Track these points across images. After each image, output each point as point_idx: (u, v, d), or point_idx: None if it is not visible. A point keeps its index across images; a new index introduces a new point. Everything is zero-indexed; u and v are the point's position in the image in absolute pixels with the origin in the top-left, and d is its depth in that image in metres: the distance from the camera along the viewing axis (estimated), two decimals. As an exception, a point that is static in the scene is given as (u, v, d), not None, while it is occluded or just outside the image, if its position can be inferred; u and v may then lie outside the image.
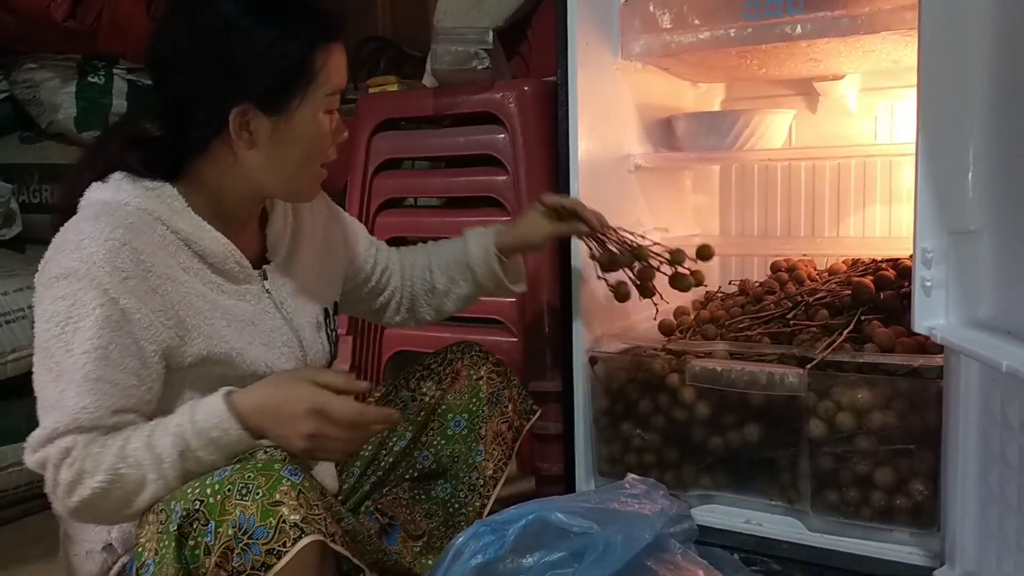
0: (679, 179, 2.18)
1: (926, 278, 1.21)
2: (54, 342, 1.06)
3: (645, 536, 1.14)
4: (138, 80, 2.60)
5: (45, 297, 1.08)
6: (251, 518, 0.97)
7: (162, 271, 1.11)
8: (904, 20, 1.44)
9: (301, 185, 1.23)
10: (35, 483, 2.04)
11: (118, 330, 1.07)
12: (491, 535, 1.11)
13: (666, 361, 1.63)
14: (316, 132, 1.17)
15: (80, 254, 1.07)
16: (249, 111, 1.12)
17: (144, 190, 1.14)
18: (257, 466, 1.01)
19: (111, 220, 1.09)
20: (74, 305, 1.06)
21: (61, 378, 1.05)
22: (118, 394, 1.07)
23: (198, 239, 1.16)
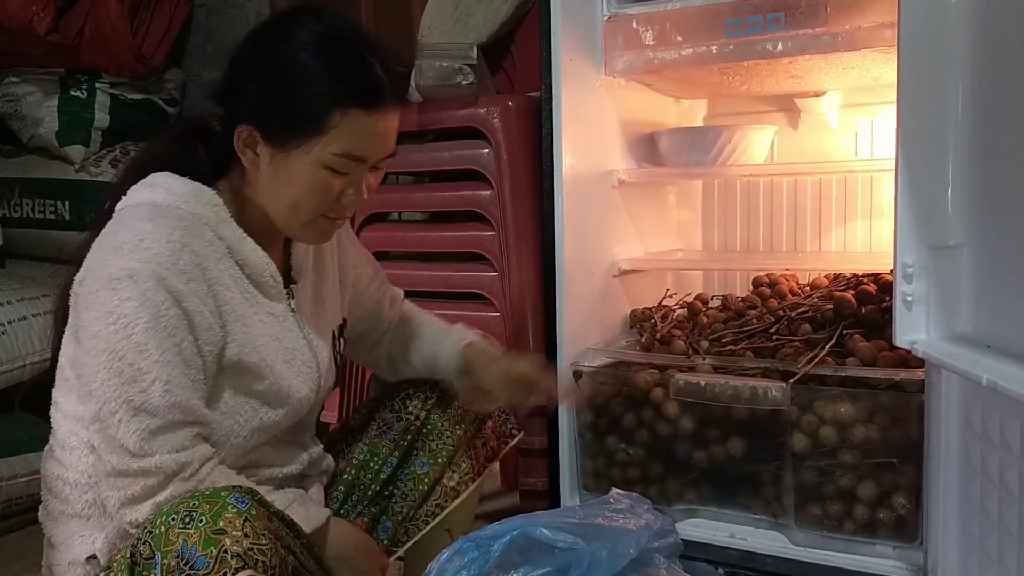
0: (662, 194, 2.19)
1: (907, 293, 1.22)
2: (124, 344, 1.04)
3: (630, 551, 1.14)
4: (121, 94, 2.59)
5: (108, 299, 1.06)
6: (193, 547, 0.95)
7: (214, 275, 1.13)
8: (884, 38, 1.46)
9: (295, 228, 1.20)
10: (14, 500, 2.02)
11: (186, 331, 1.08)
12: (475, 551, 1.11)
13: (650, 375, 1.64)
14: (312, 182, 1.13)
15: (143, 255, 1.06)
16: (253, 134, 1.13)
17: (191, 195, 1.15)
18: (204, 493, 1.00)
19: (168, 222, 1.10)
20: (143, 306, 1.05)
21: (140, 380, 1.05)
22: (196, 395, 1.09)
23: (240, 249, 1.17)
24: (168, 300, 1.06)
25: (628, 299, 1.97)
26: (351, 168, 1.14)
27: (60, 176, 2.54)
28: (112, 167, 2.50)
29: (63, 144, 2.51)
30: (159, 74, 2.70)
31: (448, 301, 1.99)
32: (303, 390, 1.25)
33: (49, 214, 2.54)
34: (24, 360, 2.10)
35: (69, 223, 2.52)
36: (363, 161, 1.15)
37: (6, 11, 2.29)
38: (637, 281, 1.99)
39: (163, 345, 1.06)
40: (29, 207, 2.57)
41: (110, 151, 2.56)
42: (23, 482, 2.01)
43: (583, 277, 1.78)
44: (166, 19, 2.66)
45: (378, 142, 1.15)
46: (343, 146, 1.12)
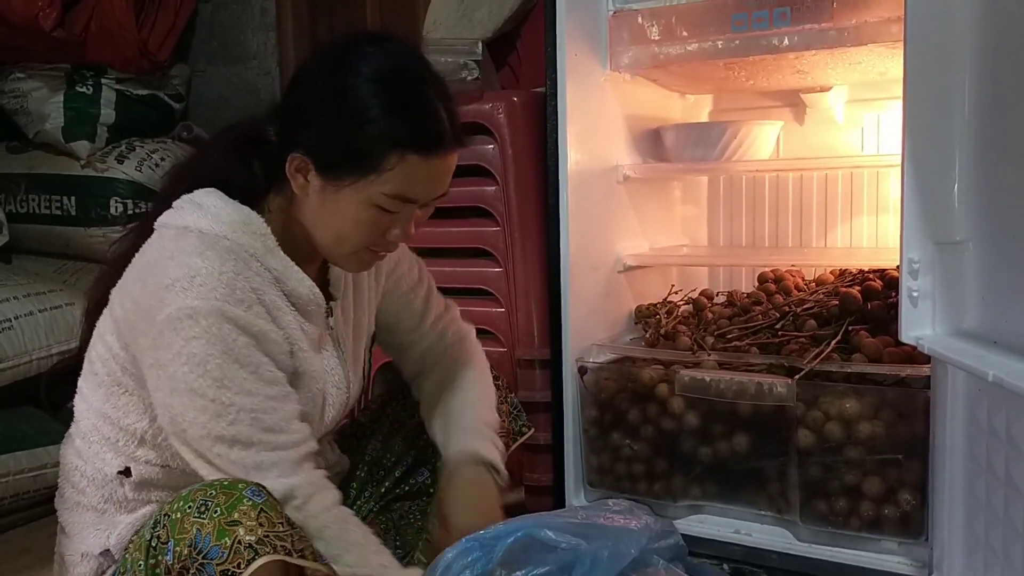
0: (667, 190, 2.19)
1: (913, 288, 1.22)
2: (202, 382, 1.06)
3: (631, 551, 1.14)
4: (127, 90, 2.59)
5: (174, 340, 1.06)
6: (207, 537, 0.97)
7: (269, 299, 1.14)
8: (890, 33, 1.46)
9: (338, 257, 1.20)
10: (20, 495, 2.02)
11: (260, 355, 1.09)
12: (479, 551, 1.11)
13: (655, 371, 1.63)
14: (360, 218, 1.12)
15: (198, 291, 1.06)
16: (306, 162, 1.12)
17: (240, 224, 1.14)
18: (222, 484, 1.01)
19: (217, 255, 1.10)
20: (210, 342, 1.06)
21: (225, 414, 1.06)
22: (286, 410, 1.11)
23: (287, 279, 1.16)
24: (234, 331, 1.07)
25: (633, 295, 1.97)
26: (401, 208, 1.13)
27: (66, 172, 2.54)
28: (118, 163, 2.51)
29: (69, 140, 2.51)
30: (165, 70, 2.70)
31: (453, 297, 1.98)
32: (333, 413, 1.27)
33: (55, 210, 2.55)
34: (31, 355, 2.10)
35: (75, 219, 2.52)
36: (414, 202, 1.14)
37: (12, 7, 2.29)
38: (642, 277, 1.99)
39: (239, 375, 1.07)
40: (35, 203, 2.58)
41: (116, 147, 2.56)
42: (29, 477, 2.02)
43: (588, 273, 1.78)
44: (171, 14, 2.66)
45: (432, 185, 1.15)
46: (396, 188, 1.11)
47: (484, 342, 1.92)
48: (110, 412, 1.17)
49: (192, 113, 2.90)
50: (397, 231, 1.16)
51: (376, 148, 1.09)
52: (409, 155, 1.09)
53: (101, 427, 1.18)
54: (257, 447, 1.07)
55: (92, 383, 1.20)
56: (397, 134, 1.09)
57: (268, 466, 1.08)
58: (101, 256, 2.54)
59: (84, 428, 1.20)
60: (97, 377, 1.18)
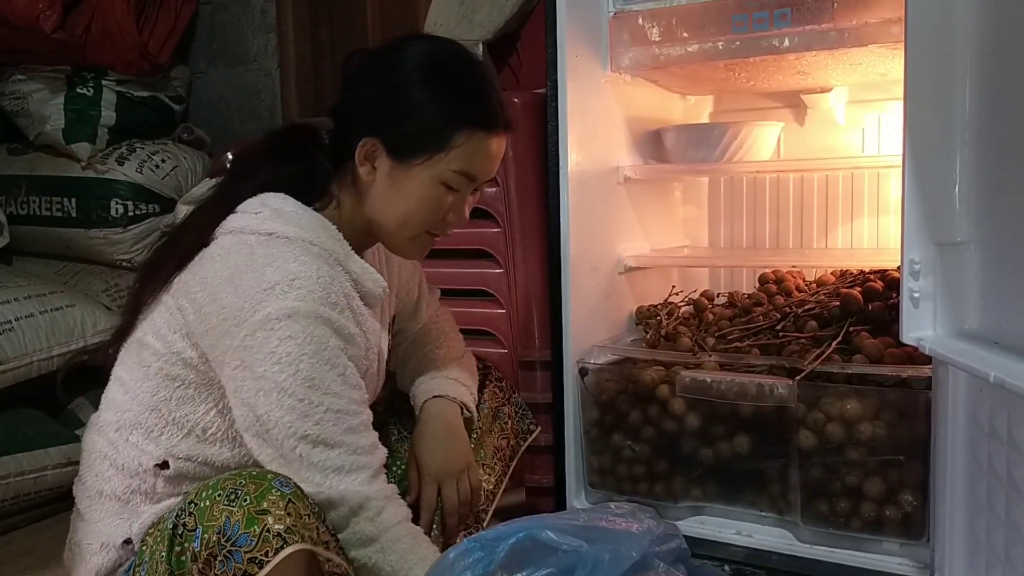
0: (668, 191, 2.19)
1: (914, 289, 1.21)
2: (292, 381, 1.08)
3: (632, 554, 1.14)
4: (127, 91, 2.59)
5: (268, 340, 1.08)
6: (236, 525, 0.98)
7: (356, 306, 1.20)
8: (891, 34, 1.46)
9: (401, 241, 1.25)
10: (21, 497, 2.02)
11: (347, 360, 1.13)
12: (481, 551, 1.11)
13: (656, 372, 1.63)
14: (427, 196, 1.20)
15: (297, 293, 1.10)
16: (377, 146, 1.19)
17: (321, 230, 1.18)
18: (251, 474, 1.03)
19: (311, 260, 1.14)
20: (305, 342, 1.09)
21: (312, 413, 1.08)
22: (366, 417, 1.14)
23: (364, 281, 1.22)
24: (327, 333, 1.11)
25: (634, 296, 1.97)
26: (463, 186, 1.21)
27: (67, 173, 2.55)
28: (118, 164, 2.51)
29: (69, 141, 2.51)
30: (165, 71, 2.71)
31: (454, 298, 1.99)
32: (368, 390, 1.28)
33: (56, 211, 2.55)
34: (31, 357, 2.10)
35: (76, 220, 2.52)
36: (474, 180, 1.22)
37: (13, 9, 2.29)
38: (643, 278, 1.99)
39: (328, 377, 1.10)
40: (36, 204, 2.58)
41: (116, 148, 2.57)
42: (30, 479, 2.01)
43: (589, 274, 1.77)
44: (172, 16, 2.66)
45: (490, 162, 1.23)
46: (462, 164, 1.19)
47: (485, 343, 1.94)
48: (160, 405, 1.17)
49: (193, 114, 2.91)
50: (455, 214, 1.23)
51: (445, 127, 1.17)
52: (476, 132, 1.19)
53: (146, 419, 1.17)
54: (340, 449, 1.09)
55: (139, 374, 1.19)
56: (464, 114, 1.18)
57: (348, 471, 1.09)
58: (102, 257, 2.54)
59: (124, 420, 1.19)
60: (148, 369, 1.18)
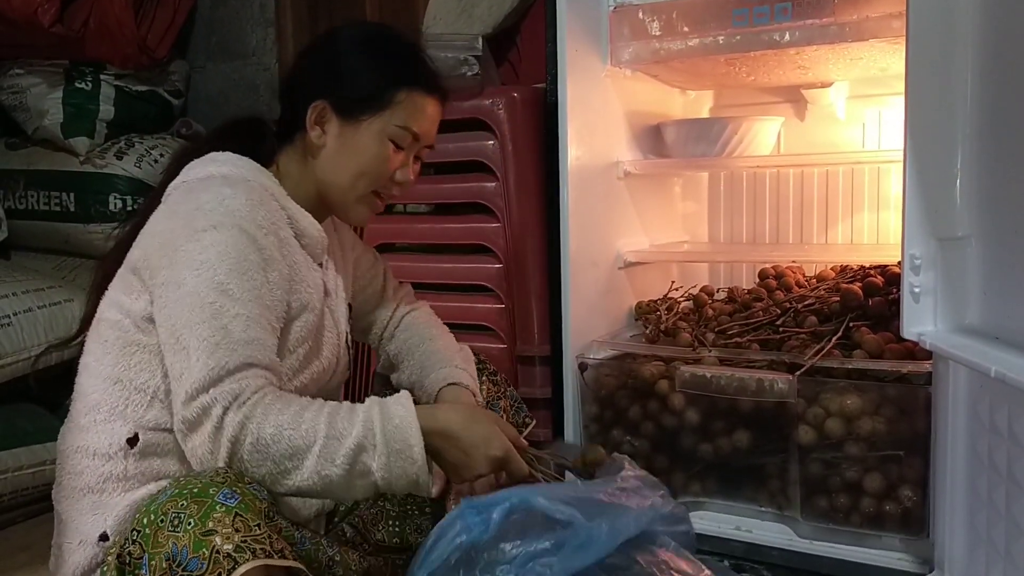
0: (668, 186, 2.18)
1: (914, 284, 1.21)
2: (207, 285, 1.10)
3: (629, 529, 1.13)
4: (126, 86, 2.58)
5: (192, 249, 1.11)
6: (184, 550, 0.95)
7: (283, 235, 1.23)
8: (892, 28, 1.45)
9: (350, 201, 1.31)
10: (19, 492, 2.02)
11: (265, 275, 1.15)
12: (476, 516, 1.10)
13: (655, 368, 1.63)
14: (375, 151, 1.27)
15: (224, 209, 1.15)
16: (327, 109, 1.27)
17: (256, 170, 1.25)
18: (193, 492, 0.99)
19: (244, 187, 1.20)
20: (226, 251, 1.12)
21: (221, 316, 1.08)
22: (272, 335, 1.14)
23: (299, 220, 1.27)
24: (250, 247, 1.14)
25: (633, 291, 1.96)
26: (407, 143, 1.29)
27: (65, 168, 2.54)
28: (117, 159, 2.50)
29: (68, 136, 2.50)
30: (164, 66, 2.70)
31: (453, 293, 1.99)
32: (327, 355, 1.31)
33: (54, 206, 2.54)
34: (29, 352, 2.10)
35: (74, 215, 2.51)
36: (416, 139, 1.30)
37: (11, 3, 2.28)
38: (642, 273, 1.98)
39: (244, 286, 1.11)
40: (34, 199, 2.57)
41: (115, 143, 2.56)
42: (28, 473, 2.01)
43: (588, 269, 1.77)
44: (170, 10, 2.65)
45: (428, 123, 1.31)
46: (404, 119, 1.27)
47: (484, 338, 1.94)
48: (122, 375, 1.18)
49: (191, 109, 2.90)
50: (402, 172, 1.30)
51: (387, 85, 1.27)
52: (414, 91, 1.28)
53: (110, 394, 1.18)
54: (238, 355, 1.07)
55: (100, 352, 1.20)
56: (402, 73, 1.28)
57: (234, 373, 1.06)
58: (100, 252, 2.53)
59: (90, 402, 1.20)
60: (107, 344, 1.20)
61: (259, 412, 1.05)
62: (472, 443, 1.16)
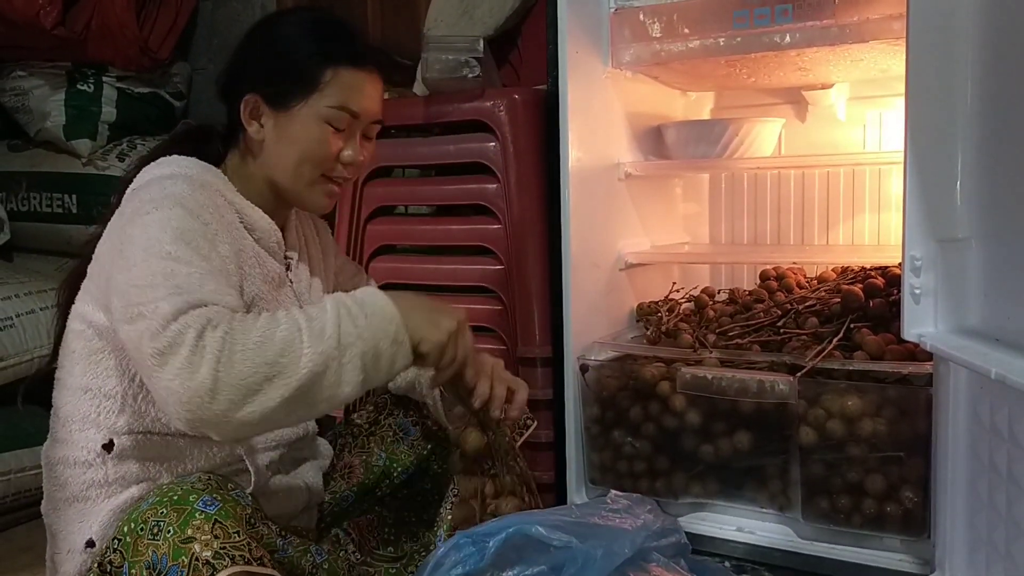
0: (669, 187, 2.18)
1: (915, 286, 1.21)
2: (155, 258, 1.05)
3: (625, 550, 1.14)
4: (128, 88, 2.59)
5: (136, 233, 1.09)
6: (163, 558, 0.96)
7: (229, 220, 1.21)
8: (892, 30, 1.45)
9: (300, 188, 1.28)
10: (22, 493, 2.02)
11: (213, 245, 1.11)
12: (472, 547, 1.11)
13: (657, 369, 1.63)
14: (312, 136, 1.24)
15: (164, 194, 1.13)
16: (258, 102, 1.25)
17: (200, 167, 1.24)
18: (173, 499, 0.99)
19: (186, 180, 1.18)
20: (168, 224, 1.09)
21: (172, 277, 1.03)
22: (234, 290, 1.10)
23: (248, 214, 1.25)
24: (191, 220, 1.11)
25: (634, 293, 1.97)
26: (346, 123, 1.25)
27: (67, 170, 2.55)
28: (119, 161, 2.51)
29: (70, 138, 2.51)
30: (166, 68, 2.71)
31: (454, 294, 1.99)
32: None
33: (56, 208, 2.55)
34: (32, 353, 2.11)
35: (76, 217, 2.52)
36: (356, 117, 1.26)
37: (13, 5, 2.29)
38: (643, 275, 1.99)
39: (191, 250, 1.07)
40: (36, 201, 2.58)
41: (117, 145, 2.56)
42: (31, 475, 2.02)
43: (589, 271, 1.77)
44: (172, 13, 2.66)
45: (366, 99, 1.27)
46: (337, 99, 1.24)
47: (485, 339, 1.94)
48: (90, 383, 1.18)
49: (193, 111, 2.90)
50: (348, 152, 1.27)
51: (312, 66, 1.24)
52: (341, 68, 1.24)
53: (82, 404, 1.18)
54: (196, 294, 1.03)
55: (68, 364, 1.21)
56: (326, 51, 1.25)
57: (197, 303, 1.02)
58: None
59: (64, 414, 1.21)
60: (74, 355, 1.20)
61: (237, 326, 1.00)
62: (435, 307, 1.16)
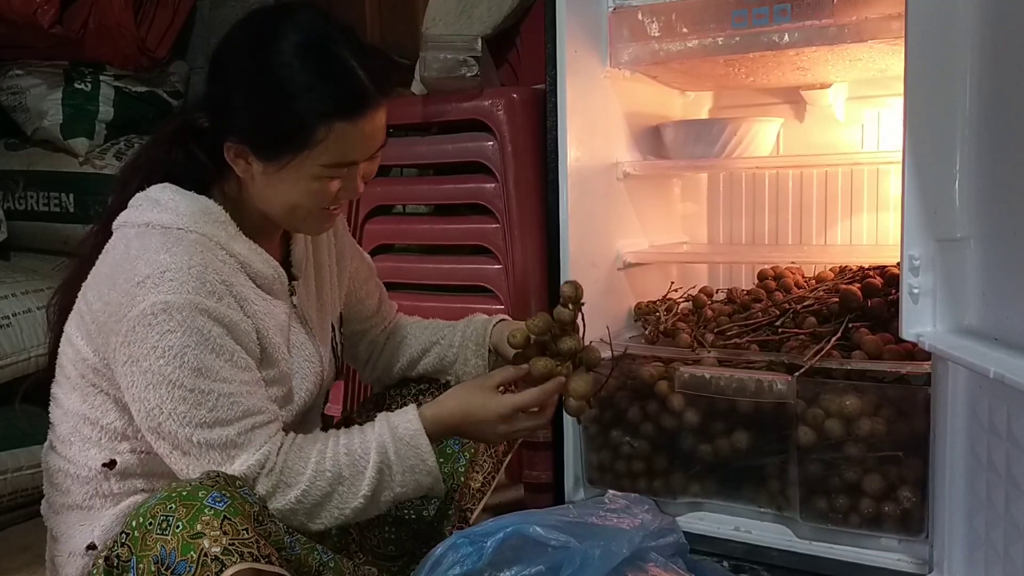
0: (667, 187, 2.18)
1: (913, 285, 1.21)
2: (179, 372, 1.06)
3: (623, 550, 1.14)
4: (125, 87, 2.59)
5: (148, 335, 1.07)
6: (172, 553, 0.95)
7: (238, 290, 1.16)
8: (891, 29, 1.45)
9: (296, 223, 1.24)
10: (19, 493, 2.02)
11: (233, 344, 1.11)
12: (470, 547, 1.11)
13: (655, 368, 1.63)
14: (305, 191, 1.16)
15: (170, 286, 1.08)
16: (244, 149, 1.14)
17: (200, 215, 1.16)
18: (182, 495, 0.99)
19: (183, 248, 1.11)
20: (186, 334, 1.07)
21: (205, 402, 1.07)
22: (261, 394, 1.13)
23: (252, 262, 1.19)
24: (208, 322, 1.08)
25: (633, 292, 1.96)
26: (343, 173, 1.16)
27: (64, 169, 2.54)
28: (116, 160, 2.50)
29: (67, 137, 2.51)
30: (163, 67, 2.70)
31: (452, 294, 1.99)
32: (307, 386, 1.27)
33: (54, 207, 2.55)
34: (29, 352, 2.10)
35: (73, 216, 2.52)
36: (354, 164, 1.17)
37: (10, 4, 2.29)
38: (642, 274, 1.98)
39: (216, 364, 1.08)
40: (34, 200, 2.57)
41: (114, 144, 2.56)
42: (28, 474, 2.01)
43: (588, 270, 1.77)
44: (170, 12, 2.65)
45: (365, 144, 1.16)
46: (331, 157, 1.13)
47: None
48: (88, 412, 1.17)
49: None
50: (346, 191, 1.19)
51: (303, 125, 1.10)
52: (336, 124, 1.11)
53: (81, 428, 1.18)
54: (236, 425, 1.08)
55: (66, 387, 1.20)
56: (320, 107, 1.10)
57: (245, 443, 1.09)
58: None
59: (63, 433, 1.20)
60: (70, 380, 1.19)
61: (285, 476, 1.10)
62: (479, 418, 1.20)
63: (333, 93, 1.11)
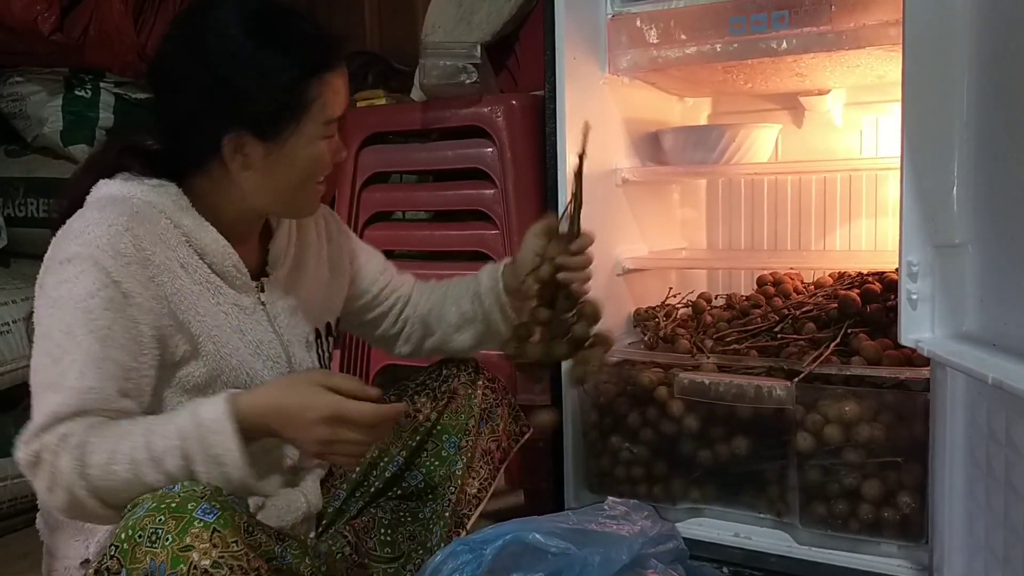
0: (666, 193, 2.19)
1: (912, 291, 1.22)
2: (55, 324, 1.06)
3: (622, 557, 1.14)
4: (125, 94, 2.59)
5: (48, 283, 1.08)
6: (162, 566, 0.95)
7: (161, 261, 1.13)
8: (888, 36, 1.46)
9: (299, 203, 1.25)
10: (19, 499, 2.02)
11: (120, 312, 1.08)
12: (469, 554, 1.11)
13: (654, 374, 1.63)
14: (310, 158, 1.18)
15: (84, 239, 1.08)
16: (244, 136, 1.14)
17: (150, 187, 1.16)
18: (171, 507, 0.98)
19: (116, 208, 1.11)
20: (76, 287, 1.06)
21: (62, 360, 1.05)
22: (121, 375, 1.07)
23: (199, 237, 1.17)
24: (100, 281, 1.06)
25: (632, 298, 1.97)
26: (333, 130, 1.19)
27: (65, 176, 2.54)
28: (116, 166, 2.51)
29: (67, 144, 2.51)
30: (163, 73, 2.70)
31: (452, 300, 1.99)
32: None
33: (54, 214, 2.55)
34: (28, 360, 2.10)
35: (73, 222, 2.52)
36: (339, 119, 1.20)
37: (11, 10, 2.29)
38: (641, 280, 1.99)
39: (89, 326, 1.05)
40: (33, 206, 2.57)
41: (114, 150, 2.56)
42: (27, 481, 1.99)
43: (587, 276, 1.77)
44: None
45: (343, 97, 1.20)
46: (326, 111, 1.16)
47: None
48: None
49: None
50: (340, 152, 1.22)
51: (297, 84, 1.13)
52: (325, 76, 1.15)
53: None
54: (73, 400, 1.04)
55: None
56: (305, 64, 1.14)
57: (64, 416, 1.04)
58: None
59: None
60: None
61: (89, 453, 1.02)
62: (293, 413, 1.08)
63: (310, 48, 1.15)
